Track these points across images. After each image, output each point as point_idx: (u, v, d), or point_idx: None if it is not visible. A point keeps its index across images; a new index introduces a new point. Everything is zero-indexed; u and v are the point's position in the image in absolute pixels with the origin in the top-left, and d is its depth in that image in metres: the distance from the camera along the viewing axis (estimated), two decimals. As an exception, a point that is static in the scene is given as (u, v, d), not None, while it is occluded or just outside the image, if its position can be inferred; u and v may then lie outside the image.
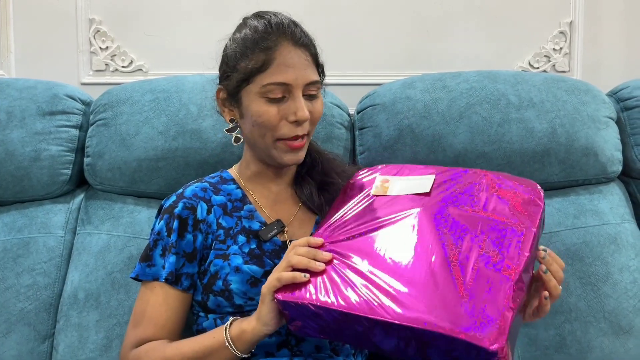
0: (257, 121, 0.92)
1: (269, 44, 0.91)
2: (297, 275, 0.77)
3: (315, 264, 0.78)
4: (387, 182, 0.90)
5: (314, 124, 0.96)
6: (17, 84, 1.28)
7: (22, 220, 1.22)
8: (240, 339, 0.83)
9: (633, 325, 1.12)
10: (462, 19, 1.53)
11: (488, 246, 0.76)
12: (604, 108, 1.27)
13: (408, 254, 0.77)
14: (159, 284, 0.93)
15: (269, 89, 0.90)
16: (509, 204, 0.82)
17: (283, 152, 0.94)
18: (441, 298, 0.71)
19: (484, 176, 0.87)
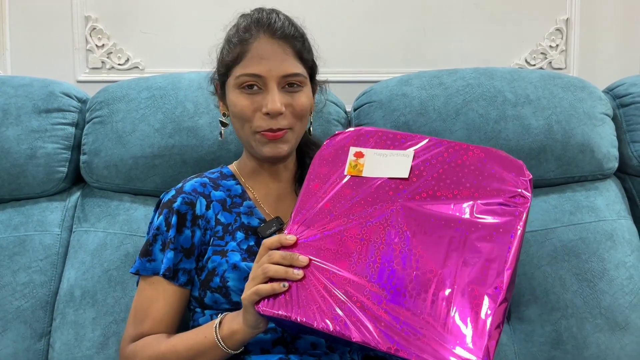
0: (234, 112, 0.95)
1: (246, 37, 0.93)
2: (275, 287, 0.75)
3: (292, 272, 0.76)
4: (362, 158, 0.83)
5: (297, 118, 0.94)
6: (12, 81, 1.28)
7: (18, 218, 1.21)
8: (231, 338, 0.83)
9: (629, 322, 1.12)
10: (459, 17, 1.53)
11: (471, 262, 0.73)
12: (600, 105, 1.28)
13: (386, 263, 0.75)
14: (157, 279, 0.93)
15: (242, 80, 0.92)
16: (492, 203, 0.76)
17: (262, 144, 0.94)
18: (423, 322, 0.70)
19: (467, 154, 0.80)
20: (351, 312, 0.73)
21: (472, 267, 0.72)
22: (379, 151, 0.83)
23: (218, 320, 0.85)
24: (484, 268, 0.72)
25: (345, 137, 0.86)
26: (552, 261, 1.17)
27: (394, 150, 0.83)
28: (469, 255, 0.73)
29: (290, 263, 0.77)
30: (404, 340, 0.70)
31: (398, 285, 0.73)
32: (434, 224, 0.76)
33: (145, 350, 0.90)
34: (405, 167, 0.81)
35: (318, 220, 0.80)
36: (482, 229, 0.75)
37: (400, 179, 0.80)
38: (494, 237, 0.74)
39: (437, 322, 0.70)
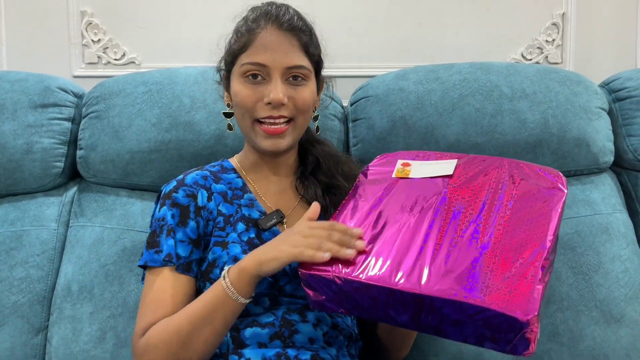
0: (235, 100, 0.95)
1: (253, 27, 0.94)
2: (316, 256, 0.76)
3: (345, 252, 0.77)
4: (409, 166, 0.89)
5: (299, 112, 0.94)
6: (8, 76, 1.27)
7: (14, 213, 1.21)
8: (239, 279, 0.81)
9: (624, 314, 1.13)
10: (455, 11, 1.53)
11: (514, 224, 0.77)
12: (596, 99, 1.28)
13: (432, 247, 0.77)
14: (166, 270, 0.91)
15: (246, 68, 0.93)
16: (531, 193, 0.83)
17: (261, 137, 0.94)
18: (469, 271, 0.72)
19: (503, 162, 0.88)
20: (398, 268, 0.75)
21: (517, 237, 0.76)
22: (424, 162, 0.91)
23: (225, 270, 0.84)
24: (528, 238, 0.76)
25: (391, 156, 0.95)
26: (548, 254, 1.17)
27: (437, 160, 0.91)
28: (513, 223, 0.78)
29: (347, 244, 0.78)
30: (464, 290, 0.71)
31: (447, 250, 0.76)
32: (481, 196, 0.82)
33: (158, 330, 0.85)
34: (450, 168, 0.88)
35: (367, 212, 0.84)
36: (525, 214, 0.79)
37: (446, 177, 0.86)
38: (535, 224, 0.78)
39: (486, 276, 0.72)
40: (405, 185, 0.87)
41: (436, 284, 0.71)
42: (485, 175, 0.86)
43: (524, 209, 0.79)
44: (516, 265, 0.72)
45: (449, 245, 0.76)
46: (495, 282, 0.70)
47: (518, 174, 0.85)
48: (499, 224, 0.78)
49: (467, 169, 0.88)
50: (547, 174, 0.86)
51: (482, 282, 0.70)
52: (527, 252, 0.74)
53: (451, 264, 0.74)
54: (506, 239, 0.76)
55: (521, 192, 0.82)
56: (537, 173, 0.86)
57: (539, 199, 0.81)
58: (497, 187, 0.83)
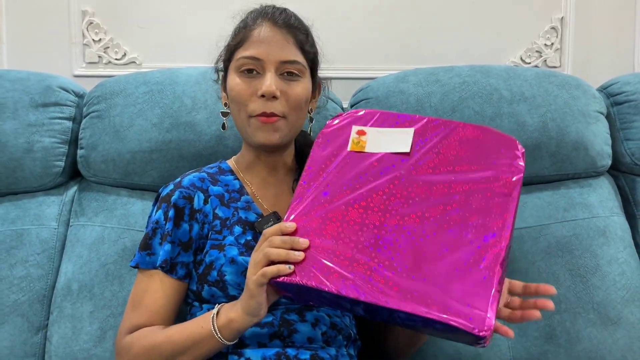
0: (231, 95, 0.96)
1: (249, 23, 0.96)
2: (281, 268, 0.76)
3: (294, 254, 0.76)
4: (364, 135, 0.86)
5: (291, 108, 0.95)
6: (9, 75, 1.27)
7: (15, 212, 1.22)
8: (228, 328, 0.83)
9: (621, 317, 1.13)
10: (455, 14, 1.54)
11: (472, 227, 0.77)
12: (594, 103, 1.29)
13: (390, 229, 0.77)
14: (156, 272, 0.94)
15: (241, 62, 0.94)
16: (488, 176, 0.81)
17: (255, 129, 0.95)
18: (429, 281, 0.73)
19: (464, 131, 0.84)
20: (358, 276, 0.75)
21: (472, 233, 0.76)
22: (380, 129, 0.86)
23: (215, 310, 0.85)
24: (483, 234, 0.76)
25: (346, 116, 0.89)
26: (545, 257, 1.18)
27: (395, 128, 0.86)
28: (469, 220, 0.77)
29: (291, 246, 0.77)
30: (407, 299, 0.72)
31: (402, 249, 0.76)
32: (435, 192, 0.79)
33: (141, 340, 0.90)
34: (407, 142, 0.84)
35: (322, 196, 0.82)
36: (481, 196, 0.78)
37: (402, 154, 0.83)
38: (492, 204, 0.78)
39: (441, 282, 0.73)
40: (359, 161, 0.84)
41: (393, 294, 0.73)
42: (440, 154, 0.83)
43: (479, 199, 0.78)
44: (475, 273, 0.73)
45: (404, 246, 0.76)
46: (455, 293, 0.72)
47: (474, 155, 0.82)
48: (453, 222, 0.77)
49: (424, 142, 0.84)
50: (504, 149, 0.82)
51: (442, 291, 0.72)
52: (486, 255, 0.74)
53: (407, 269, 0.74)
54: (461, 238, 0.75)
55: (477, 179, 0.80)
56: (497, 147, 0.82)
57: (495, 187, 0.79)
58: (451, 178, 0.81)
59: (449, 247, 0.75)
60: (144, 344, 0.89)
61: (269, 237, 0.79)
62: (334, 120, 0.89)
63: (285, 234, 0.79)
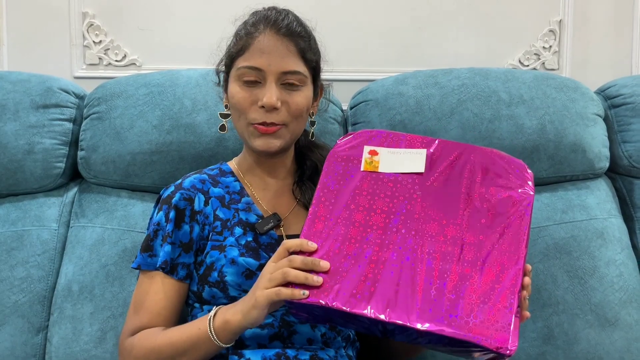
0: (231, 102, 0.96)
1: (251, 31, 0.95)
2: (296, 294, 0.75)
3: (313, 279, 0.75)
4: (377, 155, 0.87)
5: (293, 117, 0.95)
6: (10, 76, 1.28)
7: (15, 213, 1.22)
8: (224, 329, 0.83)
9: (619, 318, 1.14)
10: (454, 17, 1.55)
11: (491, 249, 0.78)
12: (592, 105, 1.30)
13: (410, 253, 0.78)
14: (157, 273, 0.94)
15: (242, 72, 0.94)
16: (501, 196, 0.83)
17: (254, 137, 0.95)
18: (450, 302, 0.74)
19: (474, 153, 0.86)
20: (379, 297, 0.75)
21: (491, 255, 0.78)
22: (392, 150, 0.88)
23: (213, 312, 0.85)
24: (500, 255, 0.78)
25: (357, 136, 0.90)
26: (544, 258, 1.19)
27: (406, 149, 0.87)
28: (487, 243, 0.79)
29: (311, 268, 0.77)
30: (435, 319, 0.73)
31: (420, 269, 0.77)
32: (452, 213, 0.81)
33: (142, 342, 0.90)
34: (421, 162, 0.86)
35: (339, 215, 0.82)
36: (498, 219, 0.80)
37: (416, 174, 0.85)
38: (508, 227, 0.80)
39: (464, 303, 0.74)
40: (374, 183, 0.84)
41: (419, 315, 0.73)
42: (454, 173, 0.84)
43: (496, 223, 0.80)
44: (495, 293, 0.75)
45: (426, 268, 0.77)
46: (478, 313, 0.73)
47: (487, 178, 0.84)
48: (472, 244, 0.78)
49: (437, 163, 0.86)
50: (515, 172, 0.85)
51: (464, 311, 0.73)
52: (504, 275, 0.76)
53: (431, 291, 0.75)
54: (481, 260, 0.77)
55: (492, 202, 0.82)
56: (505, 170, 0.85)
57: (509, 210, 0.81)
58: (468, 196, 0.82)
59: (469, 269, 0.76)
60: (145, 345, 0.90)
61: (290, 256, 0.78)
62: (344, 139, 0.90)
63: (305, 252, 0.79)
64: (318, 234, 0.80)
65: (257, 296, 0.78)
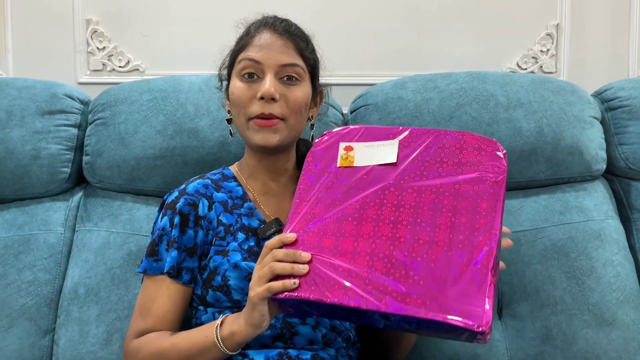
0: (232, 98, 0.98)
1: (251, 30, 1.00)
2: (287, 284, 0.77)
3: (298, 268, 0.78)
4: (352, 151, 0.89)
5: (291, 111, 0.97)
6: (16, 83, 1.30)
7: (22, 217, 1.24)
8: (231, 339, 0.85)
9: (616, 318, 1.15)
10: (453, 21, 1.56)
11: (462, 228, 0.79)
12: (588, 108, 1.31)
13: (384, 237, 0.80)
14: (162, 277, 0.96)
15: (242, 65, 0.97)
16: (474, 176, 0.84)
17: (254, 132, 0.97)
18: (425, 284, 0.76)
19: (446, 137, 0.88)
20: (356, 286, 0.77)
21: (463, 234, 0.79)
22: (366, 143, 0.90)
23: (220, 320, 0.87)
24: (474, 234, 0.78)
25: (333, 134, 0.93)
26: (542, 260, 1.20)
27: (380, 141, 0.90)
28: (459, 222, 0.80)
29: (294, 260, 0.79)
30: (407, 303, 0.75)
31: (396, 256, 0.78)
32: (424, 198, 0.82)
33: (148, 346, 0.92)
34: (393, 153, 0.87)
35: (316, 210, 0.85)
36: (468, 198, 0.81)
37: (389, 165, 0.86)
38: (480, 205, 0.81)
39: (437, 284, 0.75)
40: (349, 176, 0.87)
41: (392, 300, 0.75)
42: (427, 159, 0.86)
43: (467, 201, 0.81)
44: (469, 271, 0.75)
45: (398, 253, 0.78)
46: (451, 292, 0.74)
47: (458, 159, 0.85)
48: (444, 225, 0.79)
49: (409, 151, 0.87)
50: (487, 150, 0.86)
51: (439, 292, 0.74)
52: (478, 254, 0.76)
53: (404, 274, 0.77)
54: (453, 240, 0.78)
55: (463, 182, 0.83)
56: (478, 149, 0.86)
57: (481, 187, 0.82)
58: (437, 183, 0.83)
59: (442, 250, 0.78)
60: (150, 349, 0.91)
61: (273, 250, 0.81)
62: (322, 138, 0.93)
63: (286, 245, 0.81)
64: (297, 230, 0.83)
65: (251, 297, 0.81)
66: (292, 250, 0.81)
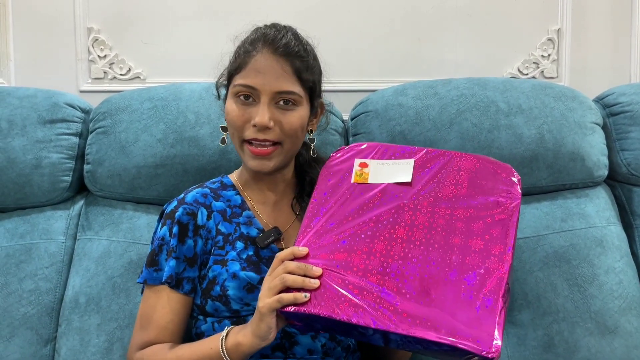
0: (227, 119, 0.98)
1: (249, 49, 0.96)
2: (298, 297, 0.77)
3: (310, 282, 0.78)
4: (367, 167, 0.90)
5: (287, 136, 0.95)
6: (17, 92, 1.30)
7: (24, 226, 1.24)
8: (236, 351, 0.84)
9: (618, 325, 1.15)
10: (453, 27, 1.56)
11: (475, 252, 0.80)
12: (590, 114, 1.31)
13: (396, 257, 0.80)
14: (162, 287, 0.95)
15: (237, 89, 0.96)
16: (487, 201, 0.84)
17: (249, 157, 0.97)
18: (436, 306, 0.76)
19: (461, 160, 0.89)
20: (367, 304, 0.77)
21: (475, 258, 0.79)
22: (381, 161, 0.90)
23: (225, 332, 0.86)
24: (486, 259, 0.79)
25: (348, 150, 0.93)
26: (543, 267, 1.20)
27: (395, 159, 0.90)
28: (472, 246, 0.80)
29: (305, 273, 0.79)
30: (417, 325, 0.75)
31: (408, 276, 0.78)
32: (438, 219, 0.83)
33: (152, 358, 0.92)
34: (408, 172, 0.88)
35: (329, 226, 0.85)
36: (482, 223, 0.82)
37: (404, 184, 0.87)
38: (493, 230, 0.81)
39: (448, 307, 0.75)
40: (363, 192, 0.87)
41: (402, 320, 0.75)
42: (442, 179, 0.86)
43: (481, 225, 0.81)
44: (480, 296, 0.75)
45: (410, 273, 0.78)
46: (462, 316, 0.74)
47: (474, 183, 0.86)
48: (457, 248, 0.80)
49: (424, 172, 0.88)
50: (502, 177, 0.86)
51: (450, 315, 0.74)
52: (489, 279, 0.77)
53: (415, 295, 0.77)
54: (465, 264, 0.78)
55: (478, 206, 0.83)
56: (493, 174, 0.86)
57: (495, 213, 0.82)
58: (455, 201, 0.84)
59: (454, 273, 0.78)
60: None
61: (285, 262, 0.81)
62: (337, 153, 0.93)
63: (297, 258, 0.81)
64: (309, 244, 0.83)
65: (259, 308, 0.80)
66: (304, 263, 0.81)
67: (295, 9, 1.51)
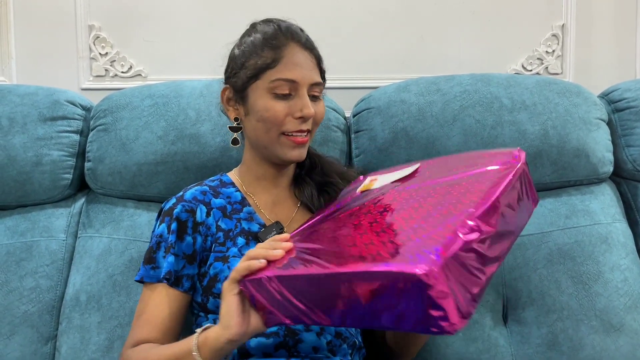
0: (264, 116, 0.95)
1: (278, 44, 0.96)
2: (252, 263, 0.74)
3: (273, 252, 0.75)
4: (375, 180, 0.92)
5: (317, 125, 1.00)
6: (18, 90, 1.30)
7: (24, 224, 1.24)
8: (204, 344, 0.80)
9: (624, 323, 1.14)
10: (456, 23, 1.55)
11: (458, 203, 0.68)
12: (595, 110, 1.29)
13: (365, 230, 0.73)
14: (160, 285, 0.95)
15: (277, 84, 0.95)
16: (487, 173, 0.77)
17: (287, 148, 0.97)
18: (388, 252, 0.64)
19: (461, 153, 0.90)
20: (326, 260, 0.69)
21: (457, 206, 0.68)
22: (390, 173, 0.94)
23: (202, 328, 0.83)
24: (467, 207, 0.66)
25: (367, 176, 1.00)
26: (548, 264, 1.19)
27: (402, 169, 0.93)
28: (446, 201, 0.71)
29: (273, 247, 0.77)
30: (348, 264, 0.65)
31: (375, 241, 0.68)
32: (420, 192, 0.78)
33: (136, 355, 0.90)
34: (412, 168, 0.91)
35: (316, 222, 0.86)
36: (464, 184, 0.74)
37: (403, 178, 0.88)
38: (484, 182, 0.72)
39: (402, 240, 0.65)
40: (363, 195, 0.90)
41: (345, 262, 0.65)
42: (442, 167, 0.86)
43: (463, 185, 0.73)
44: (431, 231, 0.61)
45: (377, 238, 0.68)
46: (406, 248, 0.60)
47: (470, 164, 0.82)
48: (432, 194, 0.74)
49: (426, 171, 0.88)
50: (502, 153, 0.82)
51: (394, 251, 0.61)
52: (450, 219, 0.62)
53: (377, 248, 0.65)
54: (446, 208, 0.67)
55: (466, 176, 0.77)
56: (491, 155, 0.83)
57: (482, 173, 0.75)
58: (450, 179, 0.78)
59: (419, 216, 0.68)
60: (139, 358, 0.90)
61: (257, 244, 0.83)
62: (360, 178, 1.00)
63: None
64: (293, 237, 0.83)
65: (222, 289, 0.78)
66: (273, 242, 0.78)
67: (297, 5, 1.50)
